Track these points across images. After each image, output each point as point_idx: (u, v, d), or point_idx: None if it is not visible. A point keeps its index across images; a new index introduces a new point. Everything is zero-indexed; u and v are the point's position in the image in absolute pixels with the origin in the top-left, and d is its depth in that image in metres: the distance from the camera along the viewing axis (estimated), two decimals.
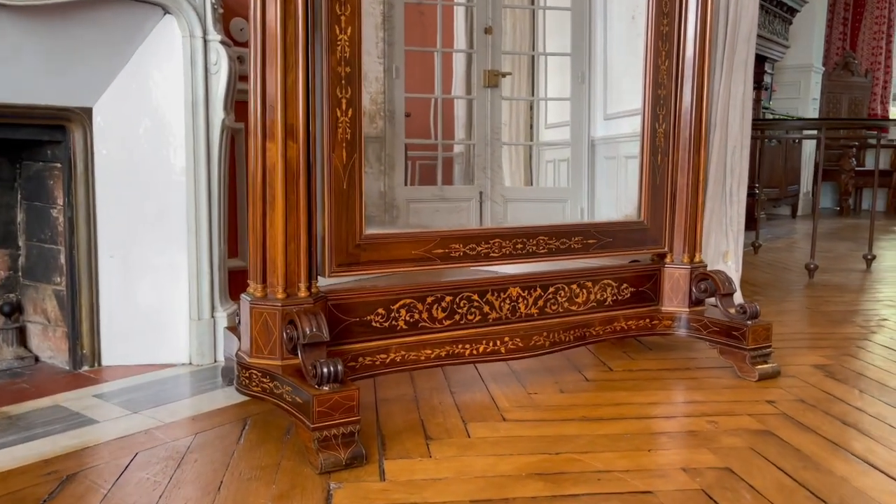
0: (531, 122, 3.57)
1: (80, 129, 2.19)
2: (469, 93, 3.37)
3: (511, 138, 3.39)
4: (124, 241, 2.28)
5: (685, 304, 2.45)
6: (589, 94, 3.24)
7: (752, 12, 3.26)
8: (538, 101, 3.44)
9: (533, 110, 3.50)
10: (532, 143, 3.50)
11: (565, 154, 3.34)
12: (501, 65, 3.44)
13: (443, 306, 2.06)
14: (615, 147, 3.06)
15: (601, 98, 3.20)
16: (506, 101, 3.36)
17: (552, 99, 3.48)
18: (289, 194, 1.78)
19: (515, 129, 3.55)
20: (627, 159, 2.79)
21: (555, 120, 3.57)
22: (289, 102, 1.76)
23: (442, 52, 3.38)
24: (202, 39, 2.22)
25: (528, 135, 3.56)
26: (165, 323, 2.32)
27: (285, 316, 1.77)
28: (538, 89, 3.54)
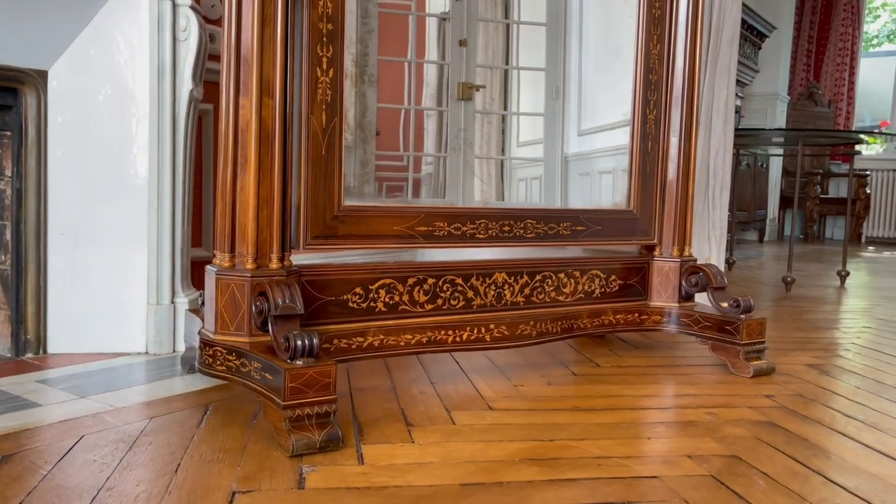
0: (503, 139, 3.48)
1: (33, 94, 2.02)
2: (441, 105, 3.26)
3: (483, 153, 3.29)
4: (77, 218, 2.10)
5: (675, 298, 2.34)
6: (563, 110, 3.16)
7: (734, 16, 3.23)
8: (512, 115, 3.36)
9: (505, 125, 3.41)
10: (504, 157, 3.41)
11: (538, 172, 3.25)
12: (475, 78, 3.36)
13: (425, 289, 1.91)
14: (589, 163, 2.97)
15: (575, 114, 3.13)
16: (478, 116, 3.27)
17: (526, 114, 3.40)
18: (262, 156, 1.63)
19: (487, 145, 3.45)
20: (602, 174, 2.70)
21: (527, 137, 3.49)
22: (265, 56, 1.62)
23: (415, 62, 3.28)
24: (171, 3, 2.08)
25: (501, 151, 3.47)
26: (120, 308, 2.13)
27: (255, 287, 1.61)
28: (511, 104, 3.46)
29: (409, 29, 3.17)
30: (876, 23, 9.72)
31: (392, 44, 3.20)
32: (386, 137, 3.15)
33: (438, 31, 3.50)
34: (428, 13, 3.41)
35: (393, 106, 3.22)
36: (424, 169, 3.33)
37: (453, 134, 3.18)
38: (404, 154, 3.20)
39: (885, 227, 8.49)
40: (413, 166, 3.24)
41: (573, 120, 3.11)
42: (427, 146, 3.22)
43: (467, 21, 3.38)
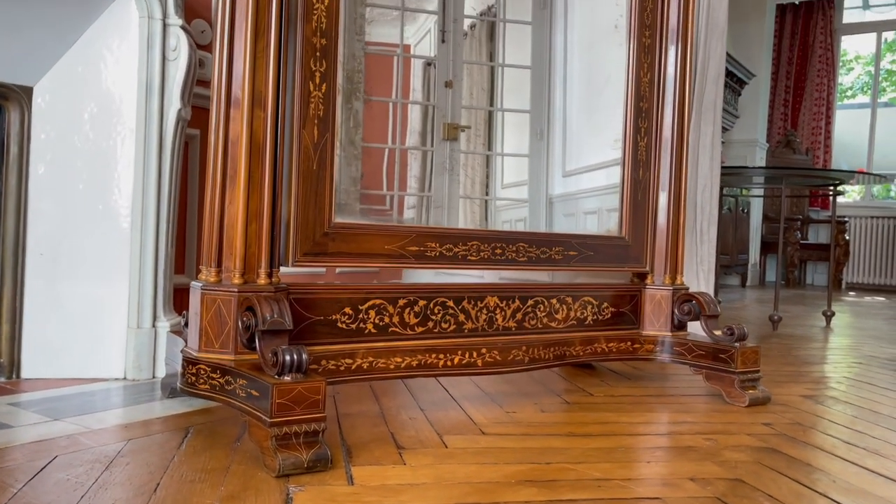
0: (488, 180, 3.47)
1: (17, 109, 1.98)
2: (425, 145, 3.26)
3: (467, 193, 3.28)
4: (58, 238, 2.04)
5: (667, 327, 2.31)
6: (547, 151, 3.17)
7: (720, 54, 3.28)
8: (497, 156, 3.36)
9: (490, 166, 3.41)
10: (489, 197, 3.40)
11: (522, 214, 3.25)
12: (460, 118, 3.37)
13: (415, 311, 1.87)
14: (574, 203, 2.97)
15: (560, 155, 3.14)
16: (463, 157, 3.26)
17: (511, 155, 3.41)
18: (252, 169, 1.60)
19: (471, 186, 3.45)
20: (587, 215, 2.70)
21: (512, 179, 3.49)
22: (258, 69, 1.60)
23: (401, 102, 3.29)
24: (161, 22, 2.06)
25: (485, 192, 3.46)
26: (99, 332, 2.06)
27: (242, 302, 1.56)
28: (496, 145, 3.47)
29: (395, 70, 3.17)
30: (850, 75, 9.98)
31: (378, 84, 3.19)
32: (370, 178, 3.12)
33: (424, 73, 3.51)
34: (414, 55, 3.43)
35: (377, 145, 3.20)
36: (407, 213, 3.29)
37: (439, 171, 3.16)
38: (387, 194, 3.17)
39: (865, 273, 8.56)
40: (397, 208, 3.20)
41: (558, 161, 3.11)
42: (411, 185, 3.20)
43: (453, 63, 3.40)
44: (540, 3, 2.79)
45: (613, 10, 2.41)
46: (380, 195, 3.04)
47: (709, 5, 3.20)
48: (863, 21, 9.31)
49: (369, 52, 3.16)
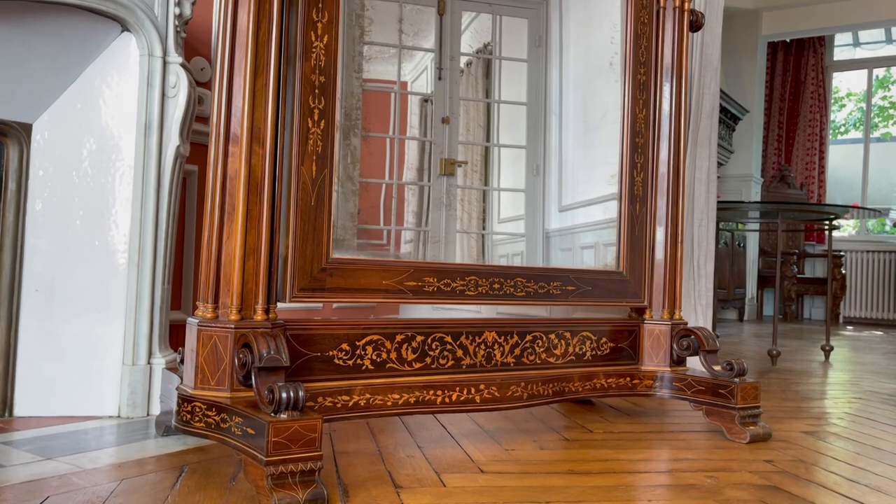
0: (484, 215, 3.48)
1: (15, 146, 1.99)
2: (422, 181, 3.27)
3: (464, 228, 3.28)
4: (53, 274, 2.03)
5: (666, 362, 2.29)
6: (543, 186, 3.19)
7: (714, 90, 3.31)
8: (494, 191, 3.38)
9: (487, 201, 3.43)
10: (486, 232, 3.41)
11: (519, 248, 3.25)
12: (457, 154, 3.39)
13: (413, 346, 1.85)
14: (570, 238, 2.98)
15: (556, 190, 3.16)
16: (459, 192, 3.27)
17: (507, 190, 3.43)
18: (251, 205, 1.60)
19: (468, 220, 3.46)
20: (584, 249, 2.70)
21: (508, 214, 3.51)
22: (257, 105, 1.61)
23: (398, 138, 3.31)
24: (161, 59, 2.08)
25: (482, 226, 3.47)
26: (93, 369, 2.04)
27: (239, 339, 1.55)
28: (492, 180, 3.49)
29: (392, 106, 3.19)
30: (842, 111, 10.10)
31: (376, 120, 3.21)
32: (367, 212, 3.12)
33: (421, 109, 3.54)
34: (411, 92, 3.46)
35: (375, 180, 3.21)
36: (404, 248, 3.29)
37: (436, 206, 3.17)
38: (385, 228, 3.17)
39: (862, 308, 8.56)
40: (394, 243, 3.19)
41: (554, 196, 3.12)
42: (408, 220, 3.20)
43: (450, 100, 3.43)
44: (535, 40, 2.82)
45: (608, 48, 2.44)
46: (377, 230, 3.04)
47: (702, 42, 3.25)
48: (853, 58, 9.45)
49: (367, 89, 3.19)
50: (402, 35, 2.48)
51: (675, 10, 2.37)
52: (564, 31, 2.70)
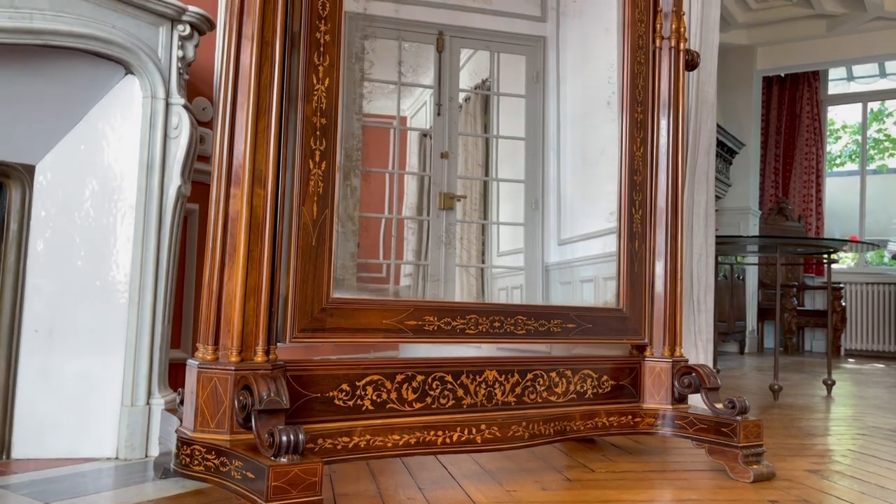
0: (484, 248, 3.49)
1: (18, 188, 2.00)
2: (421, 215, 3.29)
3: (463, 261, 3.29)
4: (54, 314, 2.03)
5: (668, 400, 2.28)
6: (542, 220, 3.21)
7: (710, 126, 3.35)
8: (493, 224, 3.39)
9: (486, 234, 3.44)
10: (485, 265, 3.42)
11: (519, 281, 3.26)
12: (456, 188, 3.42)
13: (413, 386, 1.85)
14: (570, 272, 2.98)
15: (555, 224, 3.17)
16: (459, 225, 3.28)
17: (506, 223, 3.44)
18: (252, 246, 1.61)
19: (468, 255, 3.47)
20: (583, 283, 2.71)
21: (507, 247, 3.52)
22: (258, 147, 1.62)
23: (398, 173, 3.34)
24: (164, 101, 2.10)
25: (481, 259, 3.48)
26: (92, 410, 2.03)
27: (239, 381, 1.54)
28: (491, 214, 3.51)
29: (392, 141, 3.21)
30: (838, 144, 10.18)
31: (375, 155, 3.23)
32: (366, 247, 3.12)
33: (420, 144, 3.57)
34: (410, 127, 3.49)
35: (374, 215, 3.22)
36: (403, 281, 3.29)
37: (435, 241, 3.17)
38: (384, 262, 3.17)
39: (863, 340, 8.53)
40: (394, 277, 3.19)
41: (553, 230, 3.13)
42: (407, 255, 3.19)
43: (449, 135, 3.46)
44: (533, 77, 2.85)
45: (605, 87, 2.47)
46: (377, 264, 3.04)
47: (698, 80, 3.29)
48: (848, 92, 9.55)
49: (367, 125, 3.22)
50: (402, 71, 2.50)
51: (670, 51, 2.41)
52: (562, 67, 2.73)
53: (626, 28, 2.38)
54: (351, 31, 2.09)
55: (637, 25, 2.38)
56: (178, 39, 2.13)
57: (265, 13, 1.63)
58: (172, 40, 2.13)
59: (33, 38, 1.81)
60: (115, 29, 1.97)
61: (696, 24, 3.20)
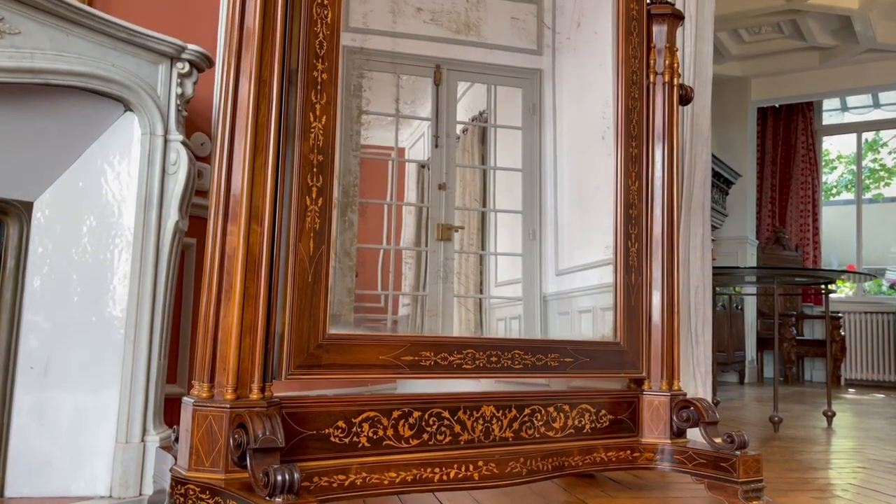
0: (482, 278, 3.50)
1: (16, 224, 2.01)
2: (419, 246, 3.30)
3: (462, 292, 3.29)
4: (49, 351, 2.03)
5: (666, 434, 2.27)
6: (540, 250, 3.22)
7: (705, 159, 3.37)
8: (491, 255, 3.40)
9: (484, 265, 3.45)
10: (483, 296, 3.42)
11: (517, 311, 3.26)
12: (454, 219, 3.43)
13: (410, 423, 1.84)
14: (568, 302, 2.98)
15: (552, 254, 3.18)
16: (457, 256, 3.29)
17: (504, 254, 3.45)
18: (248, 283, 1.61)
19: (466, 284, 3.47)
20: (581, 314, 2.71)
21: (505, 277, 3.52)
22: (256, 185, 1.63)
23: (395, 204, 3.35)
24: (163, 138, 2.12)
25: (479, 290, 3.48)
26: (86, 447, 2.01)
27: (234, 419, 1.53)
28: (489, 245, 3.52)
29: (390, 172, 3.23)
30: (833, 173, 10.25)
31: (373, 186, 3.24)
32: (363, 277, 3.12)
33: (418, 174, 3.59)
34: (408, 159, 3.51)
35: (372, 246, 3.22)
36: (402, 311, 3.29)
37: (433, 271, 3.18)
38: (382, 293, 3.17)
39: (863, 370, 8.50)
40: (391, 307, 3.18)
41: (550, 260, 3.13)
42: (405, 286, 3.20)
43: (446, 166, 3.48)
44: (529, 109, 2.87)
45: (600, 121, 2.50)
46: (375, 294, 3.04)
47: (693, 113, 3.32)
48: (842, 122, 9.64)
49: (365, 156, 3.24)
50: (400, 103, 2.53)
51: (664, 86, 2.43)
52: (558, 100, 2.76)
53: (621, 64, 2.41)
54: (349, 66, 2.11)
55: (631, 61, 2.41)
56: (177, 77, 2.16)
57: (263, 52, 1.66)
58: (172, 78, 2.15)
59: (34, 77, 1.83)
60: (115, 67, 2.00)
61: (689, 59, 3.24)
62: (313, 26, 1.76)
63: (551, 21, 2.57)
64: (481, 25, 2.46)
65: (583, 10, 2.56)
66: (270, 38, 1.67)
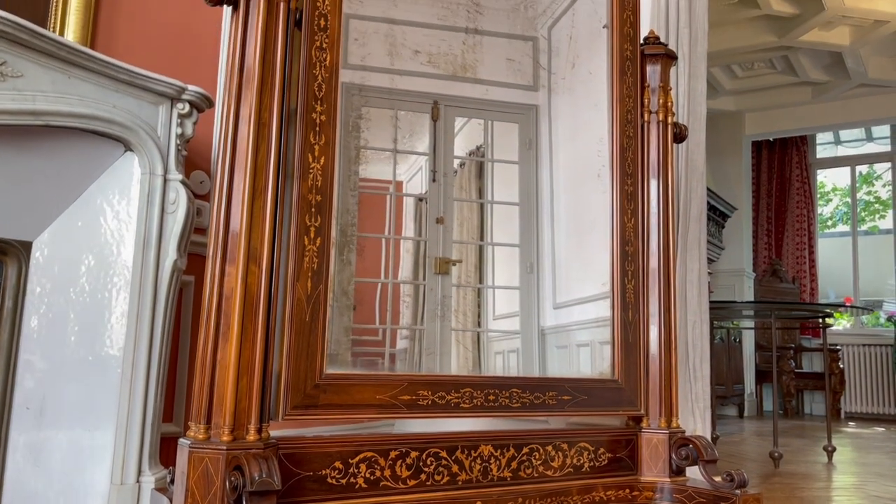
0: (479, 312, 3.50)
1: (14, 264, 2.01)
2: (417, 280, 3.31)
3: (460, 326, 3.29)
4: (45, 391, 2.02)
5: (666, 472, 2.25)
6: (538, 284, 3.23)
7: (700, 194, 3.40)
8: (488, 288, 3.41)
9: (481, 298, 3.45)
10: (481, 329, 3.42)
11: (515, 345, 3.26)
12: (452, 253, 3.45)
13: (408, 463, 1.83)
14: (567, 336, 2.99)
15: (550, 288, 3.19)
16: (454, 289, 3.30)
17: (501, 287, 3.46)
18: (245, 324, 1.61)
19: (464, 318, 3.47)
20: (580, 347, 2.71)
21: (503, 311, 3.53)
22: (254, 226, 1.64)
23: (393, 238, 3.37)
24: (162, 177, 2.13)
25: (477, 323, 3.48)
26: (81, 488, 2.00)
27: (230, 461, 1.53)
28: (486, 278, 3.53)
29: (388, 206, 3.25)
30: (829, 206, 10.31)
31: (371, 220, 3.26)
32: (361, 311, 3.13)
33: (416, 208, 3.61)
34: (406, 193, 3.54)
35: (370, 280, 3.23)
36: (400, 343, 3.28)
37: (431, 305, 3.18)
38: (380, 327, 3.16)
39: (863, 403, 8.46)
40: (389, 340, 3.18)
41: (548, 293, 3.14)
42: (404, 319, 3.20)
43: (444, 201, 3.50)
44: (526, 143, 2.90)
45: (596, 159, 2.52)
46: (373, 328, 3.04)
47: (687, 149, 3.35)
48: (836, 156, 9.72)
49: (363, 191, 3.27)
50: (398, 137, 2.55)
51: (658, 124, 2.46)
52: (554, 136, 2.79)
53: (615, 103, 2.44)
54: (347, 107, 2.14)
55: (626, 101, 2.44)
56: (177, 117, 2.18)
57: (263, 95, 1.68)
58: (172, 118, 2.18)
59: (35, 118, 1.86)
60: (115, 108, 2.02)
61: (683, 97, 3.28)
62: (312, 69, 1.79)
63: (546, 62, 2.61)
64: (477, 67, 2.50)
65: (577, 50, 2.60)
66: (270, 81, 1.69)
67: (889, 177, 9.45)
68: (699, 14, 3.47)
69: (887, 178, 9.71)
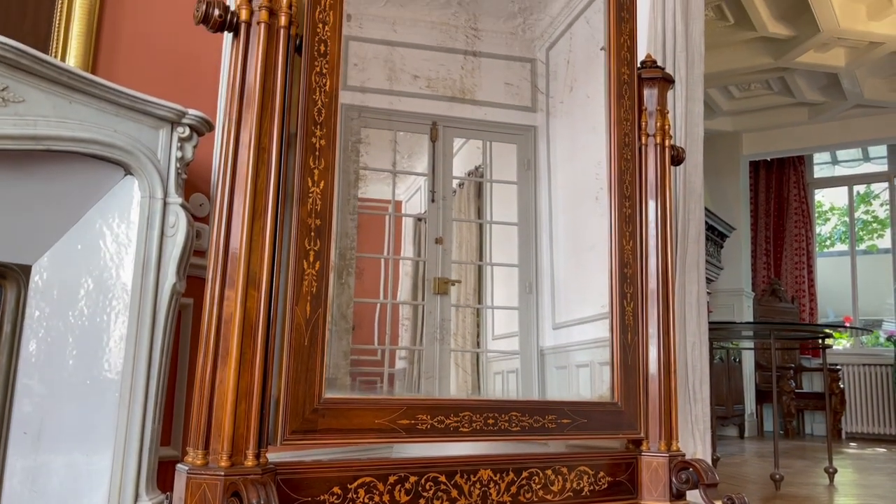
0: (479, 332, 3.50)
1: (13, 288, 2.01)
2: (416, 300, 3.31)
3: (459, 346, 3.29)
4: (43, 416, 2.01)
5: (666, 496, 2.24)
6: (537, 304, 3.23)
7: (699, 216, 3.41)
8: (488, 309, 3.41)
9: (480, 318, 3.45)
10: (480, 349, 3.41)
11: (514, 365, 3.25)
12: (451, 273, 3.45)
13: (406, 488, 1.82)
14: (566, 356, 2.98)
15: (549, 308, 3.19)
16: (454, 310, 3.30)
17: (500, 307, 3.46)
18: (244, 348, 1.61)
19: (463, 338, 3.47)
20: (579, 368, 2.71)
21: (502, 331, 3.53)
22: (253, 250, 1.65)
23: (392, 258, 3.38)
24: (162, 201, 2.14)
25: (476, 343, 3.48)
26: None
27: (228, 487, 1.52)
28: (486, 298, 3.53)
29: (387, 226, 3.26)
30: (827, 225, 10.33)
31: (370, 240, 3.27)
32: (360, 332, 3.13)
33: (415, 227, 3.62)
34: (405, 213, 3.55)
35: (369, 300, 3.23)
36: (399, 364, 3.28)
37: (430, 327, 3.18)
38: (379, 348, 3.16)
39: (864, 423, 8.42)
40: (388, 361, 3.18)
41: (547, 313, 3.14)
42: (403, 340, 3.19)
43: (443, 221, 3.51)
44: (524, 164, 2.91)
45: (594, 182, 2.54)
46: (372, 349, 3.04)
47: (685, 171, 3.37)
48: (833, 175, 9.76)
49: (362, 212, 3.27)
50: (397, 157, 2.56)
51: (656, 147, 2.48)
52: (552, 157, 2.80)
53: (613, 126, 2.45)
54: (346, 131, 2.15)
55: (623, 124, 2.46)
56: (177, 141, 2.19)
57: (263, 120, 1.69)
58: (172, 142, 2.18)
59: (36, 143, 1.86)
60: (116, 133, 2.03)
61: (680, 119, 3.30)
62: (312, 94, 1.80)
63: (545, 85, 2.63)
64: (476, 91, 2.51)
65: (575, 74, 2.62)
66: (270, 106, 1.71)
67: (886, 196, 9.49)
68: (696, 37, 3.51)
69: (885, 197, 9.74)
